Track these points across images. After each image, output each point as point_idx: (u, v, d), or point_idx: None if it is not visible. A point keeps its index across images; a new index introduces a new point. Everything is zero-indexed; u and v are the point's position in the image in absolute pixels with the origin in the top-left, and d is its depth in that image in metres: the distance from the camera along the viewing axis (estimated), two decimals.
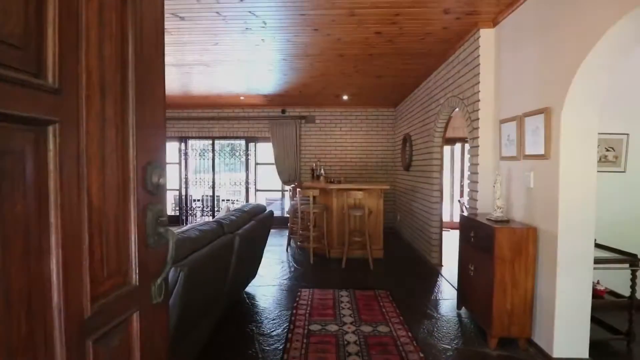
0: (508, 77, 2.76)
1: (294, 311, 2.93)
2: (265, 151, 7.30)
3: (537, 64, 2.36)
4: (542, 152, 2.28)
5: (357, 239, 4.27)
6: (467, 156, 6.85)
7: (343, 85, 5.14)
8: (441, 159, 4.30)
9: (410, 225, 5.48)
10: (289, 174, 6.83)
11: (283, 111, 6.93)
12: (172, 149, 7.49)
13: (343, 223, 4.49)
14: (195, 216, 7.60)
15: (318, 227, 4.85)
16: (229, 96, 6.01)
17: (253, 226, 2.69)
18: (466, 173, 6.82)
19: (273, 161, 6.89)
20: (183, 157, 7.40)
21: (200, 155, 7.50)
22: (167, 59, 3.64)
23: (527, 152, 2.46)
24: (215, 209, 7.44)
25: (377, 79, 4.76)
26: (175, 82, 5.05)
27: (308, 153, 6.94)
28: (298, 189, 4.64)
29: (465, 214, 3.20)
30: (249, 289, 3.47)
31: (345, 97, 5.99)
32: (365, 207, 4.17)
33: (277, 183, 7.11)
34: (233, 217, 2.51)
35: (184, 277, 1.51)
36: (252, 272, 3.30)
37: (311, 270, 4.12)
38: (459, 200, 6.01)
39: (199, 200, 7.80)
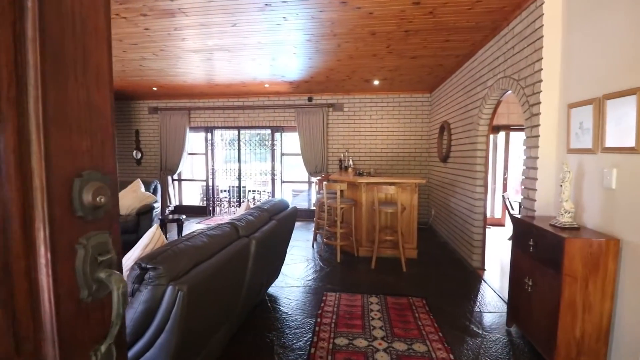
0: (582, 51, 2.23)
1: (319, 319, 2.66)
2: (291, 141, 7.04)
3: (629, 32, 1.84)
4: (631, 144, 1.78)
5: (388, 238, 3.91)
6: (512, 146, 6.18)
7: (374, 68, 4.69)
8: (486, 150, 3.79)
9: (447, 223, 5.01)
10: (316, 165, 6.53)
11: (309, 99, 6.59)
12: (199, 139, 7.44)
13: (373, 219, 4.14)
14: (222, 207, 7.55)
15: (346, 223, 4.53)
16: (253, 84, 5.76)
17: (273, 227, 2.42)
18: (511, 165, 6.17)
19: (299, 151, 6.61)
20: (210, 147, 7.31)
21: (226, 145, 7.38)
22: (188, 45, 3.40)
23: (608, 143, 1.96)
24: (242, 200, 7.33)
25: (413, 60, 4.27)
26: (198, 70, 4.86)
27: (336, 143, 6.58)
28: (324, 183, 4.33)
29: (516, 213, 2.74)
30: (272, 289, 3.25)
31: (376, 82, 5.53)
32: (398, 203, 3.78)
33: (303, 174, 6.84)
34: (250, 218, 2.25)
35: (183, 298, 1.26)
36: (274, 273, 3.07)
37: (338, 270, 3.83)
38: (502, 196, 5.42)
39: (226, 190, 7.75)
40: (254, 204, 7.41)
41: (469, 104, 4.11)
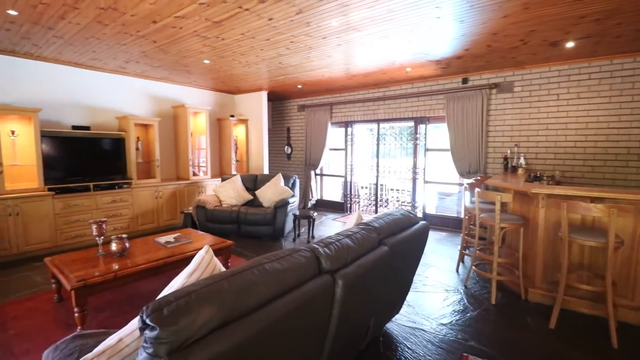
0: None
1: None
2: (438, 134, 5.89)
3: None
4: None
5: (584, 287, 2.46)
6: None
7: (568, 20, 3.11)
8: None
9: None
10: (469, 164, 5.19)
11: (464, 80, 5.27)
12: (338, 134, 7.29)
13: (557, 251, 2.74)
14: (359, 204, 7.19)
15: (509, 249, 3.23)
16: (393, 69, 4.99)
17: (382, 256, 1.69)
18: None
19: (448, 147, 5.42)
20: (349, 142, 7.04)
21: (365, 140, 6.93)
22: (313, 30, 2.96)
23: None
24: (379, 199, 6.74)
25: None
26: (332, 60, 4.51)
27: (499, 135, 5.03)
28: (476, 190, 3.18)
29: None
30: (391, 324, 2.52)
31: (569, 44, 3.77)
32: (610, 232, 2.29)
33: (452, 174, 5.60)
34: (345, 242, 1.60)
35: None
36: (390, 309, 2.32)
37: (492, 316, 2.69)
38: None
39: (366, 187, 7.35)
40: (397, 205, 6.71)
41: None
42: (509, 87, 4.89)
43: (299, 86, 6.35)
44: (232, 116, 6.91)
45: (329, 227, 5.86)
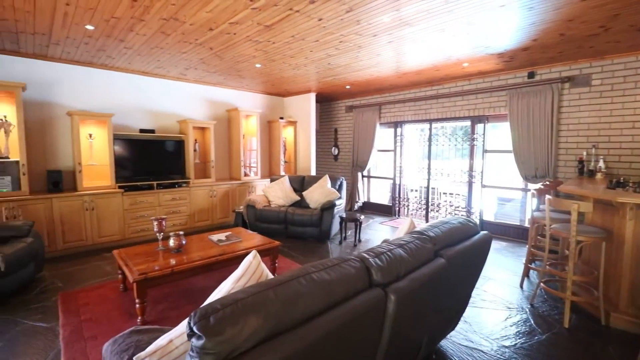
0: None
1: None
2: (498, 134, 5.43)
3: None
4: None
5: None
6: None
7: None
8: None
9: None
10: (535, 167, 4.69)
11: (530, 74, 4.78)
12: (387, 135, 7.07)
13: None
14: (408, 208, 6.89)
15: (587, 266, 2.84)
16: (448, 65, 4.69)
17: (438, 270, 1.55)
18: None
19: (510, 148, 4.95)
20: (398, 143, 6.79)
21: (416, 141, 6.63)
22: (364, 28, 2.89)
23: None
24: (430, 203, 6.39)
25: None
26: (381, 58, 4.37)
27: (572, 135, 4.47)
28: (547, 197, 2.82)
29: None
30: (445, 341, 2.32)
31: None
32: None
33: (514, 178, 5.11)
34: (398, 253, 1.48)
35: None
36: (445, 326, 2.14)
37: (563, 342, 2.36)
38: None
39: (416, 190, 7.04)
40: (450, 211, 6.30)
41: None
42: (585, 80, 4.32)
43: (347, 87, 6.27)
44: (282, 118, 7.05)
45: (376, 230, 5.69)
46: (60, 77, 4.57)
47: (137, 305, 2.50)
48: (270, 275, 1.26)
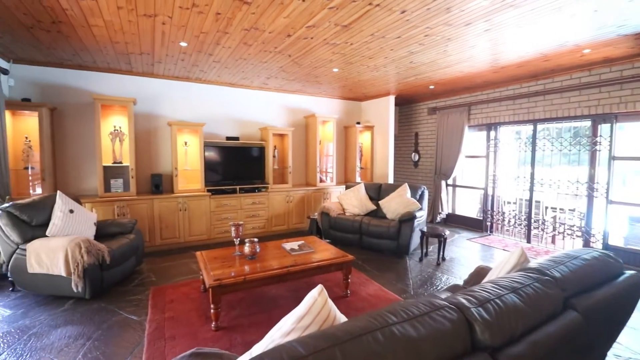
0: None
1: None
2: (627, 137, 4.29)
3: None
4: None
5: None
6: None
7: None
8: None
9: None
10: None
11: None
12: (476, 139, 6.26)
13: None
14: (503, 224, 5.95)
15: None
16: (562, 53, 3.87)
17: (570, 327, 1.12)
18: None
19: None
20: (492, 148, 5.95)
21: (515, 146, 5.70)
22: (456, 16, 2.47)
23: None
24: (533, 220, 5.40)
25: None
26: (475, 50, 3.82)
27: None
28: None
29: None
30: None
31: None
32: None
33: None
34: (510, 299, 1.10)
35: None
36: None
37: None
38: None
39: (513, 203, 6.05)
40: (559, 229, 5.18)
41: None
42: None
43: (431, 87, 5.73)
44: (358, 123, 6.83)
45: (463, 248, 5.02)
46: (163, 92, 5.14)
47: (212, 311, 2.54)
48: (338, 314, 1.03)
